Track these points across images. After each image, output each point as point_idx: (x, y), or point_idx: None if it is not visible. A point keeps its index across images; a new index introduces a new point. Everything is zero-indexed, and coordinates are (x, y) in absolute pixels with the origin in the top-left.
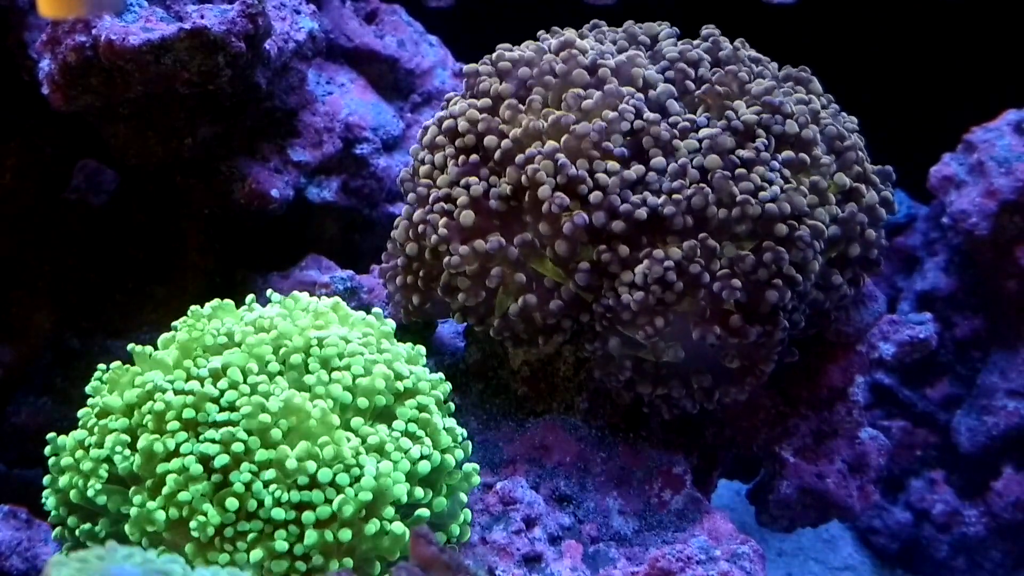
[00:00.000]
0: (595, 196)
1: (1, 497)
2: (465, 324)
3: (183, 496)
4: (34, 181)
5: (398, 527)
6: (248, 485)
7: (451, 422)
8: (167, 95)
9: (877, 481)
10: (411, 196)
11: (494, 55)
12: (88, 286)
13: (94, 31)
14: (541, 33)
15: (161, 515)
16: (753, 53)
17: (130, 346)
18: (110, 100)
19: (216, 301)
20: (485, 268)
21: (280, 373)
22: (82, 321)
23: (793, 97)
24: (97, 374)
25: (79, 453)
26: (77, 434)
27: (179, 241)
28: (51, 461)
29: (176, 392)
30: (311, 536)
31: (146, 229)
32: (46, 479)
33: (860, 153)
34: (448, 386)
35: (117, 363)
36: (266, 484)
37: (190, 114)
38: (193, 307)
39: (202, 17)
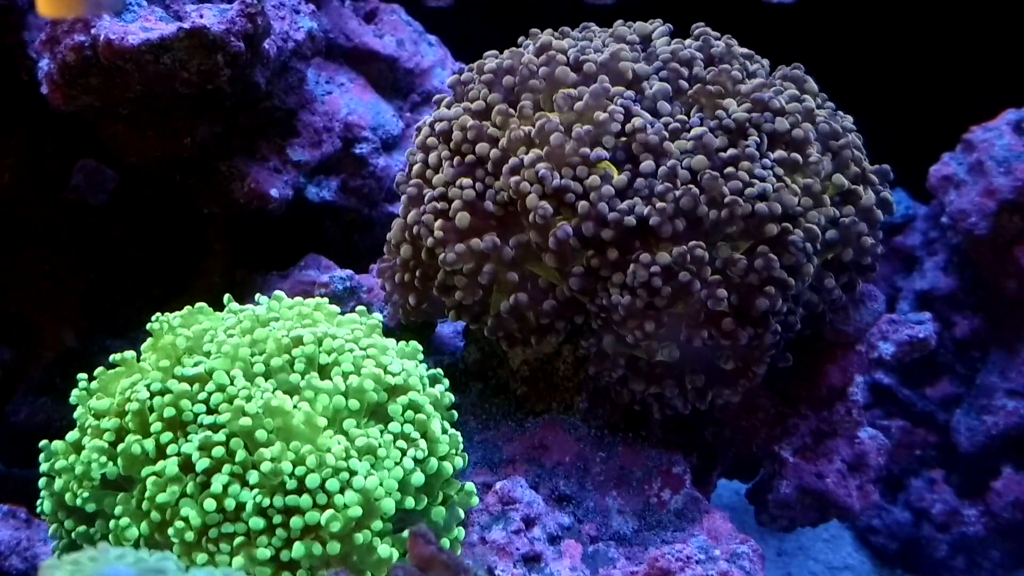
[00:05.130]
0: (582, 206)
1: (1, 497)
2: (464, 324)
3: (162, 498)
4: (34, 181)
5: (384, 550)
6: (227, 488)
7: (449, 428)
8: (166, 95)
9: (876, 481)
10: (405, 197)
11: (476, 64)
12: (88, 286)
13: (93, 31)
14: (522, 39)
15: (134, 531)
16: (744, 50)
17: (112, 356)
18: (109, 100)
19: (187, 308)
20: (481, 267)
21: (265, 375)
22: (82, 321)
23: (786, 94)
24: (81, 384)
25: (72, 457)
26: (72, 436)
27: (178, 241)
28: (45, 467)
29: (157, 394)
30: (299, 548)
31: (145, 229)
32: (41, 482)
33: (856, 152)
34: (450, 397)
35: (100, 369)
36: (249, 487)
37: (189, 114)
38: (160, 314)
39: (201, 17)
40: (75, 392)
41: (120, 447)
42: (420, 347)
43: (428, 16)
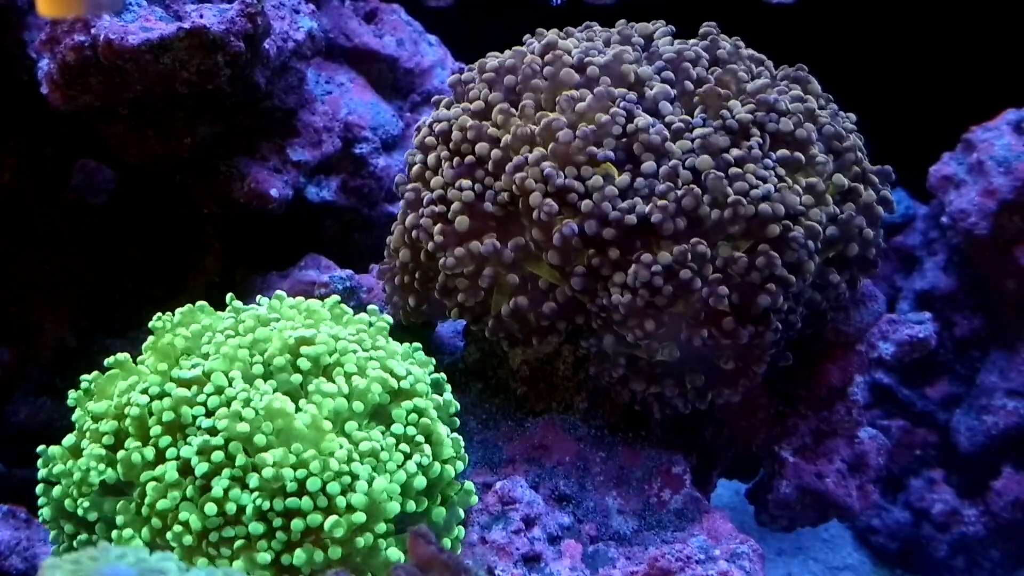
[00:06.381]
0: (585, 204)
1: (1, 497)
2: (464, 324)
3: (163, 504)
4: (34, 181)
5: (393, 553)
6: (227, 492)
7: (454, 434)
8: (166, 95)
9: (876, 481)
10: (403, 201)
11: (478, 63)
12: (87, 286)
13: (93, 30)
14: (526, 37)
15: (138, 542)
16: (752, 52)
17: (108, 359)
18: (109, 100)
19: (188, 305)
20: (481, 270)
21: (264, 376)
22: (81, 321)
23: (789, 95)
24: (83, 384)
25: (71, 461)
26: (69, 440)
27: (178, 241)
28: (43, 472)
29: (156, 398)
30: (300, 555)
31: (145, 229)
32: (39, 488)
33: (859, 153)
34: (456, 405)
35: (95, 373)
36: (249, 491)
37: (189, 114)
38: (160, 314)
39: (201, 16)
40: (72, 393)
41: (120, 454)
42: (433, 360)
43: (428, 16)
